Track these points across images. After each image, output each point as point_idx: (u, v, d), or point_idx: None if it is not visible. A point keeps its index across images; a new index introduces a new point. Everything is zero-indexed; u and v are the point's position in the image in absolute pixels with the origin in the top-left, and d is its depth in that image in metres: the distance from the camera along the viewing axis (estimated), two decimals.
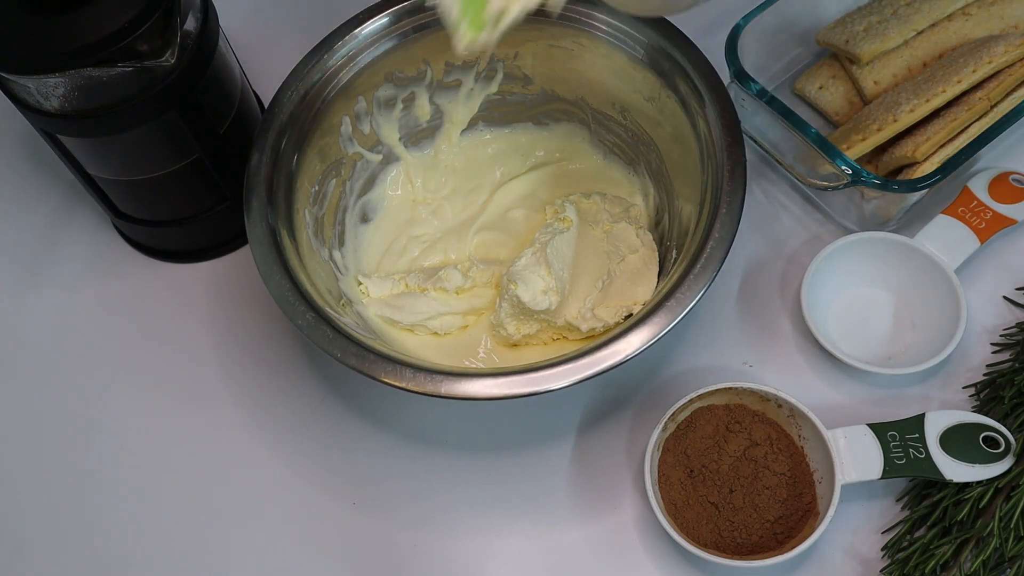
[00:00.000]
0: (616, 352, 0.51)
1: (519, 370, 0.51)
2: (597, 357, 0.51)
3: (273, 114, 0.59)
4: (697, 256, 0.53)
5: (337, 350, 0.52)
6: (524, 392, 0.51)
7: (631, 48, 0.61)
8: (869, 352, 0.62)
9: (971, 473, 0.54)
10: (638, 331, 0.52)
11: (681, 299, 0.52)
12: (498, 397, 0.51)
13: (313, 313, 0.53)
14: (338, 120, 0.63)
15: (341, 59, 0.61)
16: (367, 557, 0.59)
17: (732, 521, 0.55)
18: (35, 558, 0.61)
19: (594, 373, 0.51)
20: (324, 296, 0.56)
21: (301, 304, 0.54)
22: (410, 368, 0.52)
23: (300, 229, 0.59)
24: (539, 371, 0.51)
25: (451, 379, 0.51)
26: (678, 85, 0.59)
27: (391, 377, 0.51)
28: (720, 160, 0.56)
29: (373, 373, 0.52)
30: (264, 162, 0.58)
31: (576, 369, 0.51)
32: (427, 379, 0.51)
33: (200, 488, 0.62)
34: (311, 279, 0.57)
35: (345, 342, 0.52)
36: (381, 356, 0.52)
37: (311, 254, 0.59)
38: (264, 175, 0.58)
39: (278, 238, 0.56)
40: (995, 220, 0.64)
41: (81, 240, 0.72)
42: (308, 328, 0.53)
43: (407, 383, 0.51)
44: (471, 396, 0.51)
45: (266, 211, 0.57)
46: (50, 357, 0.67)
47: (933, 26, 0.68)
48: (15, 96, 0.57)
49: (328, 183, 0.63)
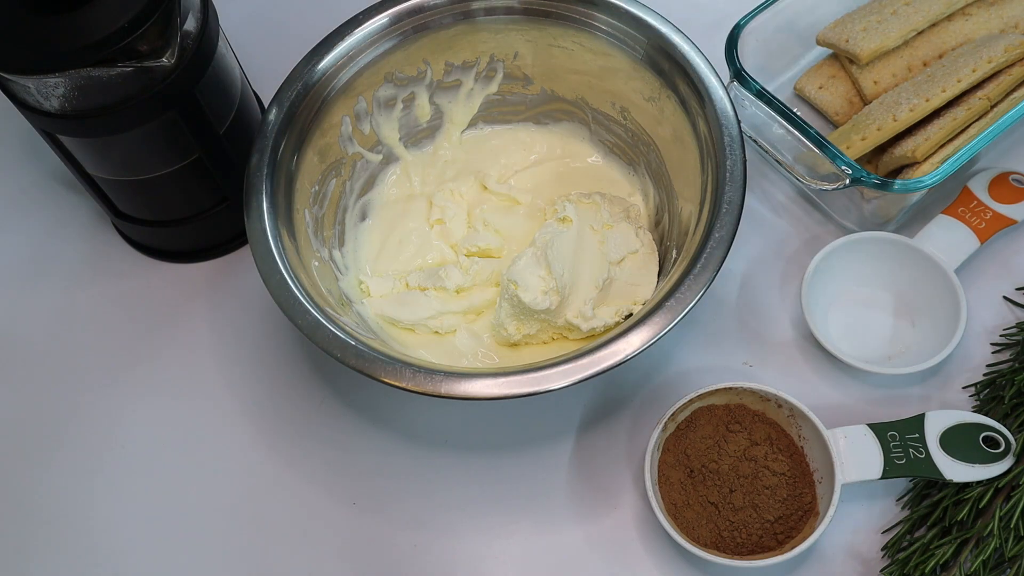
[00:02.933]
0: (616, 352, 0.51)
1: (519, 370, 0.51)
2: (597, 357, 0.51)
3: (273, 114, 0.59)
4: (697, 256, 0.53)
5: (337, 350, 0.52)
6: (524, 392, 0.51)
7: (631, 48, 0.61)
8: (869, 352, 0.62)
9: (971, 473, 0.54)
10: (638, 331, 0.52)
11: (681, 299, 0.52)
12: (498, 397, 0.51)
13: (313, 313, 0.53)
14: (338, 120, 0.63)
15: (341, 59, 0.61)
16: (367, 557, 0.59)
17: (732, 521, 0.55)
18: (35, 558, 0.61)
19: (594, 373, 0.51)
20: (324, 296, 0.56)
21: (301, 304, 0.54)
22: (410, 368, 0.52)
23: (300, 229, 0.59)
24: (539, 371, 0.51)
25: (451, 379, 0.51)
26: (678, 85, 0.59)
27: (391, 377, 0.51)
28: (720, 160, 0.56)
29: (373, 373, 0.52)
30: (264, 162, 0.58)
31: (576, 369, 0.51)
32: (427, 379, 0.51)
33: (199, 488, 0.62)
34: (311, 279, 0.57)
35: (345, 342, 0.52)
36: (381, 356, 0.52)
37: (311, 254, 0.59)
38: (264, 175, 0.58)
39: (278, 238, 0.56)
40: (995, 220, 0.64)
41: (81, 240, 0.72)
42: (308, 328, 0.53)
43: (407, 383, 0.51)
44: (471, 396, 0.51)
45: (266, 211, 0.57)
46: (50, 357, 0.67)
47: (933, 26, 0.68)
48: (15, 96, 0.57)
49: (328, 183, 0.63)
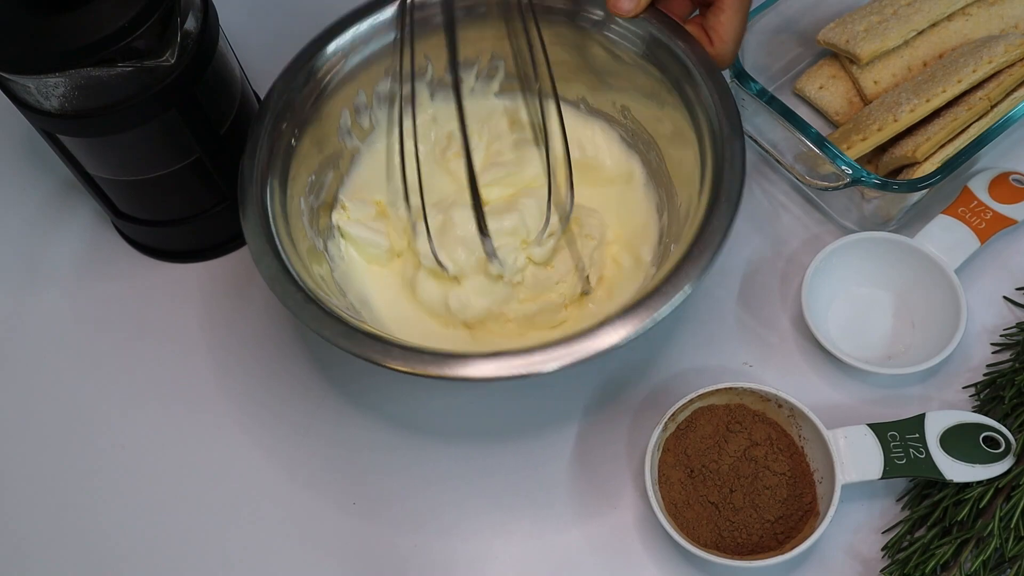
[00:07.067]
0: (613, 335, 0.50)
1: (515, 351, 0.50)
2: (596, 341, 0.50)
3: (271, 99, 0.59)
4: (696, 240, 0.52)
5: (326, 330, 0.51)
6: (520, 374, 0.49)
7: (632, 44, 0.61)
8: (869, 352, 0.62)
9: (971, 473, 0.54)
10: (636, 313, 0.50)
11: (677, 283, 0.51)
12: (493, 378, 0.49)
13: (303, 293, 0.52)
14: (337, 112, 0.63)
15: (342, 50, 0.61)
16: (367, 557, 0.59)
17: (732, 521, 0.55)
18: (34, 558, 0.61)
19: (593, 353, 0.49)
20: (316, 281, 0.56)
21: (291, 285, 0.53)
22: (389, 345, 0.50)
23: (295, 216, 0.59)
24: (536, 352, 0.50)
25: (448, 361, 0.50)
26: (679, 79, 0.59)
27: (376, 355, 0.50)
28: (720, 153, 0.55)
29: (362, 353, 0.50)
30: (261, 146, 0.57)
31: (573, 352, 0.49)
32: (431, 361, 0.50)
33: (199, 487, 0.62)
34: (303, 262, 0.56)
35: (334, 322, 0.51)
36: (370, 336, 0.51)
37: (303, 239, 0.59)
38: (260, 159, 0.57)
39: (272, 220, 0.56)
40: (995, 220, 0.64)
41: (81, 240, 0.72)
42: (297, 307, 0.52)
43: (408, 366, 0.50)
44: (466, 377, 0.49)
45: (262, 195, 0.56)
46: (49, 356, 0.67)
47: (933, 26, 0.68)
48: (15, 96, 0.57)
49: (325, 174, 0.63)
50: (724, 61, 0.59)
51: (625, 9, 0.59)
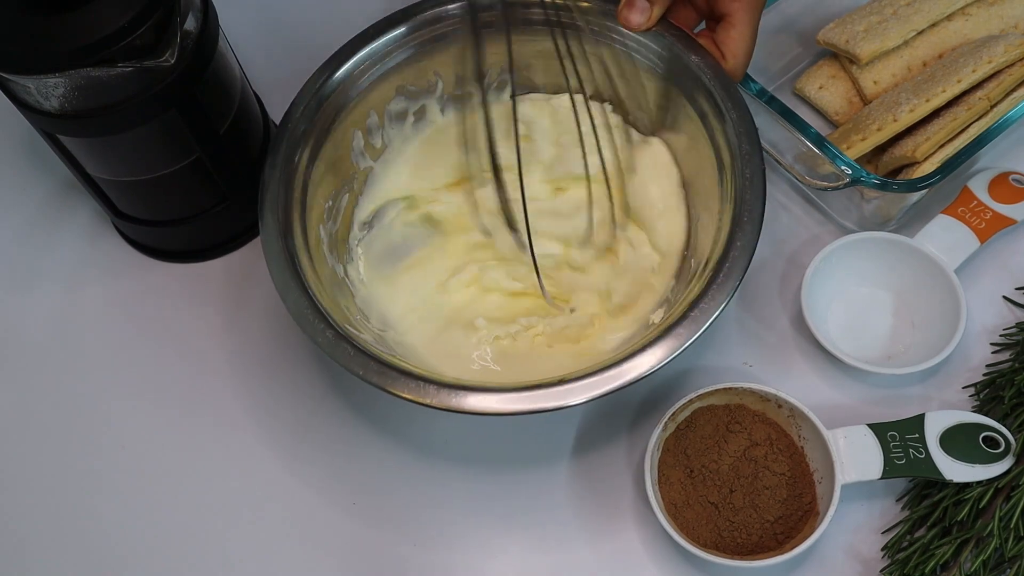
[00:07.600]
0: (638, 365, 0.51)
1: (537, 385, 0.51)
2: (620, 370, 0.51)
3: (286, 129, 0.59)
4: (720, 265, 0.53)
5: (359, 367, 0.51)
6: (546, 407, 0.50)
7: (646, 58, 0.61)
8: (869, 352, 0.62)
9: (971, 473, 0.54)
10: (664, 342, 0.51)
11: (706, 308, 0.52)
12: (510, 413, 0.50)
13: (333, 331, 0.52)
14: (350, 134, 0.62)
15: (352, 73, 0.61)
16: (367, 557, 0.59)
17: (732, 521, 0.55)
18: (34, 558, 0.61)
19: (617, 387, 0.50)
20: (342, 313, 0.56)
21: (320, 321, 0.53)
22: (423, 382, 0.51)
23: (315, 246, 0.58)
24: (558, 386, 0.50)
25: (465, 393, 0.50)
26: (694, 94, 0.59)
27: (409, 392, 0.51)
28: (739, 169, 0.55)
29: (393, 389, 0.51)
30: (277, 177, 0.57)
31: (596, 384, 0.50)
32: (448, 393, 0.50)
33: (199, 487, 0.62)
34: (328, 295, 0.56)
35: (365, 359, 0.52)
36: (401, 372, 0.51)
37: (325, 269, 0.59)
38: (278, 191, 0.57)
39: (295, 255, 0.55)
40: (995, 220, 0.64)
41: (81, 240, 0.72)
42: (328, 346, 0.52)
43: (430, 399, 0.50)
44: (489, 411, 0.50)
45: (281, 228, 0.56)
46: (49, 357, 0.67)
47: (933, 26, 0.68)
48: (15, 96, 0.57)
49: (341, 198, 0.63)
50: (736, 76, 0.59)
51: (636, 23, 0.59)
